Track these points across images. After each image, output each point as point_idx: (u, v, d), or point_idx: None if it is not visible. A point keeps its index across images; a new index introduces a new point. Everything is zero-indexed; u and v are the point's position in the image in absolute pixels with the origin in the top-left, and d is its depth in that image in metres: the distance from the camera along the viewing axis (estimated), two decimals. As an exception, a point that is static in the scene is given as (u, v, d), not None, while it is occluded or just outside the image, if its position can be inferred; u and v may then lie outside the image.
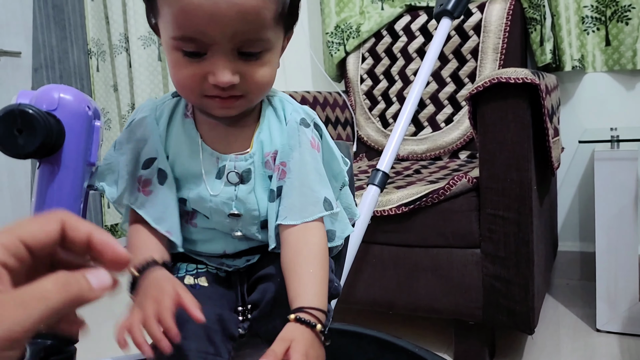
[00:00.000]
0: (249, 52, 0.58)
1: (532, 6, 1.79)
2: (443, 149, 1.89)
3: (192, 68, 0.58)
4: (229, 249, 0.69)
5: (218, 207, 0.65)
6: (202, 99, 0.61)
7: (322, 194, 0.65)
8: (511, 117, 1.22)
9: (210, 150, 0.65)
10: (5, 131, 0.56)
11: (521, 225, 1.23)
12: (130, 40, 2.54)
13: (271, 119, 0.68)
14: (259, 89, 0.62)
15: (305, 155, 0.65)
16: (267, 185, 0.66)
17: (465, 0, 1.11)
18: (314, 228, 0.64)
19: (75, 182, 0.61)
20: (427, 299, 1.35)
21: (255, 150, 0.66)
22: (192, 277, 0.67)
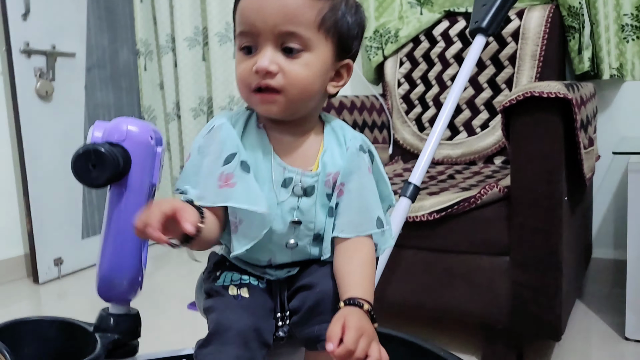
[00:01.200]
0: (289, 47, 0.68)
1: (571, 14, 1.80)
2: (478, 154, 1.92)
3: (246, 63, 0.70)
4: (274, 260, 0.76)
5: (282, 213, 0.73)
6: (250, 94, 0.70)
7: (376, 213, 0.75)
8: (543, 130, 1.25)
9: (279, 160, 0.73)
10: (82, 166, 0.67)
11: (550, 236, 1.26)
12: (177, 41, 2.65)
13: (332, 142, 0.76)
14: (294, 86, 0.69)
15: (364, 179, 0.75)
16: (324, 201, 0.75)
17: (500, 18, 1.15)
18: (365, 241, 0.74)
19: (140, 201, 0.70)
20: (457, 304, 1.40)
21: (320, 170, 0.74)
22: (235, 287, 0.74)
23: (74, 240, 2.43)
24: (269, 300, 0.76)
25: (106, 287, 0.75)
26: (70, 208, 2.43)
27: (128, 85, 2.75)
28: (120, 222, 0.70)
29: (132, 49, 2.77)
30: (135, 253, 0.74)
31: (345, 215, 0.74)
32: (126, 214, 0.70)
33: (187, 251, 0.65)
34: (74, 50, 2.42)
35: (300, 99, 0.71)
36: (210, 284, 0.77)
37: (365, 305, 0.67)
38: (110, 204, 0.71)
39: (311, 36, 0.68)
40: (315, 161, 0.75)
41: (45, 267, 2.31)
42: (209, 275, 0.79)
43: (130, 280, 0.75)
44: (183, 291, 2.18)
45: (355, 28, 0.74)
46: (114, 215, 0.70)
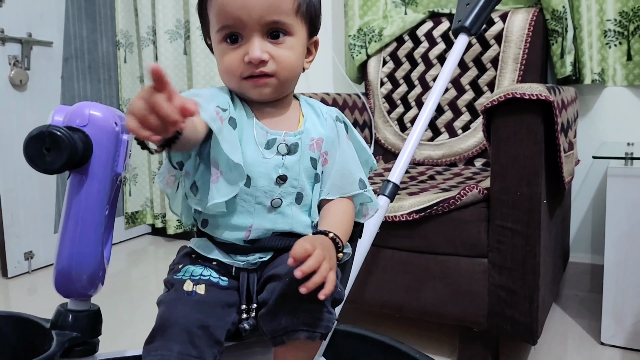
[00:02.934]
0: (275, 33, 0.73)
1: (554, 18, 1.80)
2: (459, 156, 1.91)
3: (233, 54, 0.73)
4: (255, 226, 0.75)
5: (267, 170, 0.75)
6: (240, 82, 0.74)
7: (358, 176, 0.82)
8: (524, 132, 1.24)
9: (261, 125, 0.76)
10: (35, 149, 0.63)
11: (529, 238, 1.26)
12: (158, 34, 2.60)
13: (310, 112, 0.82)
14: (284, 69, 0.74)
15: (343, 145, 0.82)
16: (307, 163, 0.78)
17: (484, 18, 1.14)
18: (347, 201, 0.82)
19: (102, 191, 0.67)
20: (434, 305, 1.38)
21: (303, 130, 0.79)
22: (192, 283, 0.73)
23: (45, 234, 2.37)
24: (232, 295, 0.75)
25: (64, 281, 0.71)
26: (43, 201, 2.36)
27: (107, 77, 2.70)
28: (80, 212, 0.66)
29: (112, 40, 2.72)
30: (96, 246, 0.70)
31: (329, 180, 0.80)
32: (86, 203, 0.66)
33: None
34: (51, 39, 2.37)
35: (289, 79, 0.77)
36: (170, 276, 0.76)
37: (331, 234, 0.72)
38: (69, 192, 0.67)
39: (292, 22, 0.74)
40: (299, 126, 0.79)
41: (14, 261, 2.24)
42: (172, 267, 0.78)
43: (90, 274, 0.71)
44: (158, 288, 2.14)
45: (319, 7, 0.81)
46: (73, 204, 0.66)
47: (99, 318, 0.79)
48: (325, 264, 0.64)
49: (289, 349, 0.71)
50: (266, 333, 0.71)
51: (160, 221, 2.81)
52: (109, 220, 0.71)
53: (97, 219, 0.68)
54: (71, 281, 0.71)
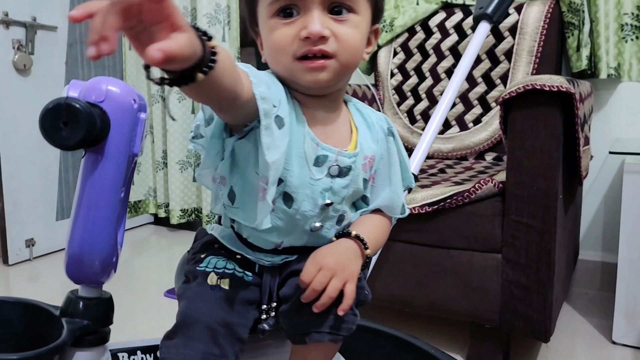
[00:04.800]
0: (339, 7, 0.64)
1: (571, 10, 1.76)
2: (469, 150, 1.88)
3: (286, 28, 0.64)
4: (284, 244, 0.71)
5: (313, 194, 0.67)
6: (293, 63, 0.64)
7: (401, 201, 0.76)
8: (542, 125, 1.21)
9: (313, 135, 0.67)
10: (51, 123, 0.59)
11: (544, 234, 1.23)
12: (164, 21, 2.55)
13: (361, 122, 0.73)
14: (347, 50, 0.64)
15: (395, 166, 0.75)
16: (358, 184, 0.71)
17: (506, 5, 1.10)
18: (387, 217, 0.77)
19: (118, 172, 0.63)
20: (445, 300, 1.35)
21: (359, 151, 0.70)
22: (216, 276, 0.68)
23: (47, 221, 2.34)
24: (254, 291, 0.70)
25: (76, 266, 0.68)
26: (45, 188, 2.33)
27: (111, 64, 2.66)
28: (94, 194, 0.63)
29: (117, 27, 2.68)
30: (110, 230, 0.67)
31: (376, 202, 0.74)
32: (101, 184, 0.62)
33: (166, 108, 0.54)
34: (56, 23, 2.32)
35: (350, 64, 0.66)
36: (191, 266, 0.71)
37: (354, 232, 0.68)
38: (83, 172, 0.63)
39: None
40: (352, 141, 0.71)
41: (15, 248, 2.21)
42: (193, 256, 0.73)
43: (103, 260, 0.67)
44: (161, 278, 2.12)
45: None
46: (87, 185, 0.62)
47: (111, 306, 0.76)
48: (336, 282, 0.62)
49: (310, 349, 0.68)
50: (286, 331, 0.68)
51: (163, 211, 2.78)
52: (123, 203, 0.67)
53: (111, 201, 0.64)
54: (83, 266, 0.68)
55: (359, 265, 0.67)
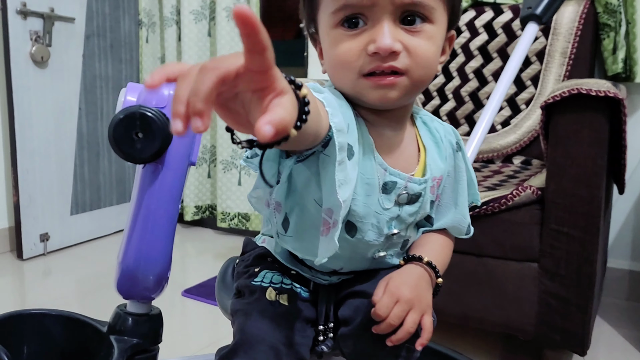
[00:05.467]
0: (412, 17, 0.56)
1: (607, 11, 1.71)
2: (497, 152, 1.83)
3: (352, 42, 0.57)
4: (346, 268, 0.66)
5: (379, 223, 0.61)
6: (358, 80, 0.57)
7: (468, 220, 0.70)
8: (587, 131, 1.16)
9: (381, 160, 0.60)
10: (124, 134, 0.53)
11: (586, 245, 1.18)
12: (182, 14, 2.51)
13: (429, 139, 0.67)
14: (420, 66, 0.57)
15: (461, 182, 0.68)
16: (426, 210, 0.66)
17: (557, 5, 1.05)
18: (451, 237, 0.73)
19: (178, 183, 0.59)
20: (478, 310, 1.31)
21: (428, 175, 0.64)
22: (275, 291, 0.64)
23: (62, 216, 2.31)
24: (311, 309, 0.66)
25: (129, 281, 0.63)
26: (61, 182, 2.30)
27: (128, 57, 2.61)
28: (152, 205, 0.58)
29: (134, 19, 2.63)
30: (167, 243, 0.62)
31: (441, 221, 0.69)
32: (160, 195, 0.58)
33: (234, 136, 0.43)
34: (74, 15, 2.28)
35: (424, 80, 0.59)
36: (245, 280, 0.66)
37: (425, 258, 0.63)
38: (142, 183, 0.59)
39: (434, 4, 0.57)
40: (420, 163, 0.64)
41: (30, 243, 2.18)
42: (246, 270, 0.68)
43: (158, 274, 0.63)
44: (175, 276, 2.08)
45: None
46: (146, 196, 0.57)
47: (161, 322, 0.70)
48: (414, 316, 0.58)
49: None
50: (348, 355, 0.64)
51: (177, 207, 2.74)
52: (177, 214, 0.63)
53: (170, 213, 0.60)
54: (136, 282, 0.63)
55: (431, 294, 0.63)
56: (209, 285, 1.89)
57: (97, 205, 2.47)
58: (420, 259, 0.64)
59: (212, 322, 1.67)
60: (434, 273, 0.64)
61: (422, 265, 0.64)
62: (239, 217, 2.53)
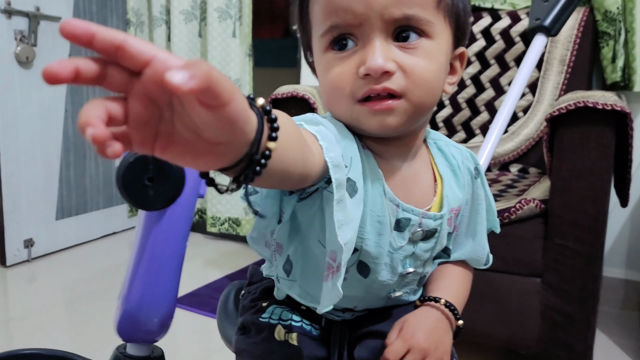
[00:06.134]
0: (405, 32, 0.51)
1: (606, 20, 1.69)
2: (494, 160, 1.81)
3: (343, 65, 0.52)
4: (360, 307, 0.62)
5: (392, 262, 0.57)
6: (354, 106, 0.52)
7: (487, 249, 0.67)
8: (593, 144, 1.14)
9: (392, 195, 0.55)
10: (134, 179, 0.48)
11: (591, 260, 1.16)
12: (172, 14, 2.46)
13: (445, 167, 0.61)
14: (419, 86, 0.51)
15: (480, 211, 0.64)
16: (443, 244, 0.62)
17: (566, 16, 1.03)
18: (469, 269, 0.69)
19: (185, 218, 0.55)
20: (480, 324, 1.29)
21: (445, 210, 0.59)
22: (284, 329, 0.60)
23: (47, 221, 2.24)
24: (322, 349, 0.62)
25: (131, 325, 0.58)
26: (46, 186, 2.23)
27: (116, 57, 2.55)
28: (160, 244, 0.54)
29: (122, 18, 2.57)
30: (173, 284, 0.58)
31: (459, 250, 0.65)
32: (167, 233, 0.53)
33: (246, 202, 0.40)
34: (60, 14, 2.21)
35: (425, 103, 0.53)
36: (251, 315, 0.62)
37: (442, 300, 0.60)
38: (147, 220, 0.54)
39: (430, 18, 0.51)
40: (436, 197, 0.59)
41: (14, 249, 2.11)
42: (253, 304, 0.64)
43: (162, 317, 0.59)
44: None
45: (467, 9, 0.56)
46: (151, 235, 0.53)
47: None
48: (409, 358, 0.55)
49: None
50: None
51: (165, 211, 2.68)
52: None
53: (177, 252, 0.56)
54: (139, 325, 0.58)
55: (451, 339, 0.59)
56: (200, 294, 1.85)
57: (83, 209, 2.40)
58: (437, 300, 0.60)
59: (204, 333, 1.62)
60: (452, 315, 0.60)
61: (439, 307, 0.60)
62: (230, 222, 2.49)
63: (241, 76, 2.46)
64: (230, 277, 2.05)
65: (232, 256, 2.34)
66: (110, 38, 0.28)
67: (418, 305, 0.62)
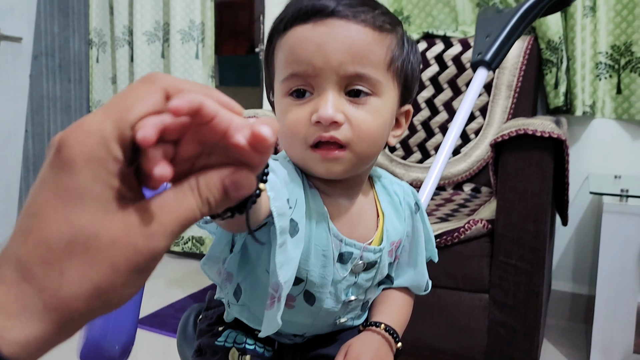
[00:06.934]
0: (355, 89, 0.56)
1: (549, 48, 1.80)
2: (448, 180, 1.89)
3: (298, 110, 0.57)
4: (309, 333, 0.67)
5: (336, 292, 0.62)
6: (306, 151, 0.57)
7: (426, 277, 0.72)
8: (534, 168, 1.22)
9: (336, 231, 0.60)
10: None
11: (533, 277, 1.24)
12: (135, 35, 2.48)
13: (388, 204, 0.67)
14: (362, 139, 0.56)
15: (419, 242, 0.69)
16: (384, 273, 0.67)
17: (505, 51, 1.11)
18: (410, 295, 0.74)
19: None
20: (431, 339, 1.35)
21: (385, 243, 0.64)
22: (238, 352, 0.64)
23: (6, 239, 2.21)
24: None
25: (94, 352, 0.61)
26: (5, 208, 2.21)
27: (78, 77, 2.56)
28: None
29: (84, 39, 2.58)
30: (136, 308, 0.61)
31: (401, 280, 0.71)
32: None
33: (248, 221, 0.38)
34: (21, 34, 2.22)
35: (368, 155, 0.58)
36: (208, 339, 0.67)
37: (382, 325, 0.65)
38: None
39: (380, 78, 0.57)
40: (377, 232, 0.64)
41: (-29, 271, 2.08)
42: (209, 328, 0.68)
43: (125, 343, 0.62)
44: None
45: (417, 68, 0.63)
46: None
47: None
48: None
49: None
50: None
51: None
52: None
53: None
54: (101, 352, 0.61)
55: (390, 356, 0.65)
56: (162, 314, 1.86)
57: (43, 230, 2.38)
58: (378, 324, 0.66)
59: (166, 354, 1.64)
60: (392, 339, 0.66)
61: (380, 332, 0.65)
62: (193, 241, 2.50)
63: (204, 97, 2.49)
64: (193, 297, 2.07)
65: (195, 275, 2.35)
66: (209, 110, 0.29)
67: (361, 330, 0.67)
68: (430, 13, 2.06)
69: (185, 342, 0.71)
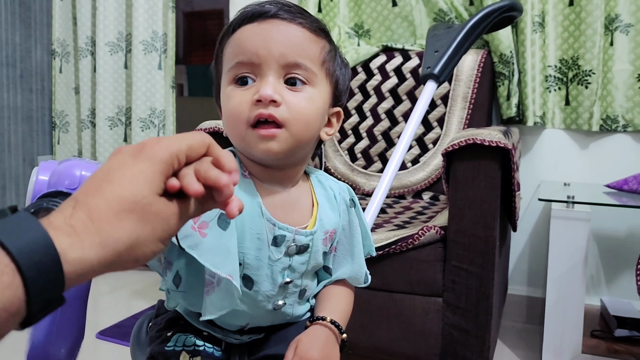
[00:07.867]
0: (293, 78, 0.64)
1: (502, 62, 1.88)
2: (407, 188, 1.95)
3: (242, 94, 0.64)
4: (251, 324, 0.70)
5: (273, 274, 0.66)
6: (247, 131, 0.63)
7: (364, 269, 0.77)
8: (483, 176, 1.28)
9: (269, 216, 0.66)
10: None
11: (483, 280, 1.29)
12: (98, 45, 2.48)
13: (322, 196, 0.73)
14: (298, 120, 0.64)
15: (355, 236, 0.75)
16: (317, 259, 0.71)
17: (452, 66, 1.16)
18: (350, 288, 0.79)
19: None
20: (388, 343, 1.39)
21: (318, 228, 0.69)
22: (188, 355, 0.67)
23: None
24: None
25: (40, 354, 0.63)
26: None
27: (40, 87, 2.54)
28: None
29: (47, 49, 2.56)
30: (81, 311, 0.63)
31: (339, 272, 0.75)
32: None
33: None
34: (-20, 44, 2.20)
35: (303, 137, 0.65)
36: (158, 345, 0.69)
37: (328, 317, 0.69)
38: None
39: (316, 71, 0.65)
40: (311, 218, 0.70)
41: None
42: (159, 334, 0.70)
43: (70, 347, 0.63)
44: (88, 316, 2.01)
45: (346, 82, 0.72)
46: None
47: None
48: None
49: None
50: None
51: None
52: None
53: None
54: (47, 356, 0.63)
55: (338, 351, 0.69)
56: (125, 325, 1.85)
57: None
58: (324, 318, 0.70)
59: (128, 364, 1.64)
60: (338, 331, 0.70)
61: (326, 325, 0.69)
62: (157, 251, 2.50)
63: (165, 107, 2.51)
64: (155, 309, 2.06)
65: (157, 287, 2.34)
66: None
67: (308, 325, 0.71)
68: (390, 27, 2.12)
69: (139, 349, 0.73)
